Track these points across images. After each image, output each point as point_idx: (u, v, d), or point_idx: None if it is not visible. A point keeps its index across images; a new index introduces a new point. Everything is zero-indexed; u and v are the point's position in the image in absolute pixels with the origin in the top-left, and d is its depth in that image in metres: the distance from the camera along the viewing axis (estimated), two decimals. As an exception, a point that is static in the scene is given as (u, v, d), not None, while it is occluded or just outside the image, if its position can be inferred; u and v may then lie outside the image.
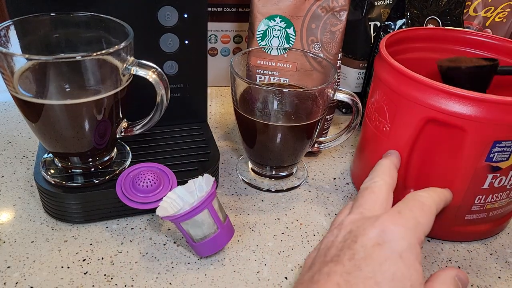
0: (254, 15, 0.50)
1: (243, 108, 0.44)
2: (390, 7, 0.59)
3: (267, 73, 0.51)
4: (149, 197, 0.39)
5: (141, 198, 0.39)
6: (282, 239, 0.42)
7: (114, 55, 0.35)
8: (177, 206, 0.38)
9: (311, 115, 0.44)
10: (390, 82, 0.39)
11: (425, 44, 0.50)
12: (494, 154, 0.36)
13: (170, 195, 0.38)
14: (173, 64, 0.47)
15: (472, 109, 0.34)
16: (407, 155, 0.40)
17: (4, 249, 0.38)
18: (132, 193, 0.39)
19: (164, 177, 0.41)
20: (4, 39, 0.36)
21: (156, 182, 0.40)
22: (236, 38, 0.69)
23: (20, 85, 0.34)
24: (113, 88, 0.37)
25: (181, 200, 0.38)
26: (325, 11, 0.49)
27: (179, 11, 0.44)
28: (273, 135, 0.44)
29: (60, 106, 0.35)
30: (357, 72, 0.63)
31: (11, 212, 0.42)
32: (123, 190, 0.39)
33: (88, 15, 0.40)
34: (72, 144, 0.39)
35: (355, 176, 0.51)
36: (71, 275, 0.36)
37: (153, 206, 0.38)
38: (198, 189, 0.38)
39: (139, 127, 0.42)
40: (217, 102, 0.68)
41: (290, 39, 0.51)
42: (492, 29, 0.69)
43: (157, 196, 0.39)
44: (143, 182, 0.39)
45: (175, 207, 0.38)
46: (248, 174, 0.51)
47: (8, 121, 0.58)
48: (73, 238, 0.40)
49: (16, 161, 0.50)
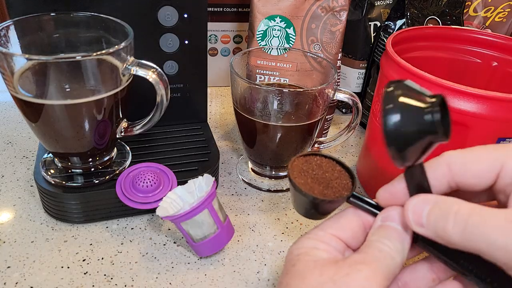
0: (254, 15, 0.50)
1: (243, 108, 0.44)
2: (390, 7, 0.59)
3: (267, 73, 0.51)
4: (149, 197, 0.39)
5: (141, 198, 0.39)
6: (282, 239, 0.42)
7: (114, 55, 0.35)
8: (177, 206, 0.38)
9: (311, 115, 0.44)
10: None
11: (429, 43, 0.50)
12: None
13: (170, 195, 0.38)
14: (173, 64, 0.47)
15: (477, 106, 0.34)
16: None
17: (4, 249, 0.38)
18: (132, 193, 0.39)
19: (164, 177, 0.41)
20: (4, 39, 0.36)
21: (156, 182, 0.40)
22: (236, 38, 0.69)
23: (20, 85, 0.34)
24: (113, 88, 0.37)
25: (181, 200, 0.38)
26: (325, 11, 0.49)
27: (179, 11, 0.44)
28: (273, 135, 0.44)
29: (60, 106, 0.35)
30: (357, 72, 0.63)
31: (11, 212, 0.42)
32: (123, 190, 0.39)
33: (88, 15, 0.40)
34: (72, 144, 0.39)
35: (360, 173, 0.51)
36: (71, 275, 0.36)
37: (153, 206, 0.38)
38: (198, 189, 0.38)
39: (139, 127, 0.42)
40: (217, 102, 0.68)
41: (290, 39, 0.51)
42: (492, 29, 0.69)
43: (157, 196, 0.39)
44: (143, 182, 0.39)
45: (175, 207, 0.38)
46: (248, 174, 0.51)
47: (8, 121, 0.58)
48: (73, 238, 0.40)
49: (16, 161, 0.50)
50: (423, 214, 0.22)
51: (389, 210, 0.25)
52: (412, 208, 0.23)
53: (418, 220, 0.23)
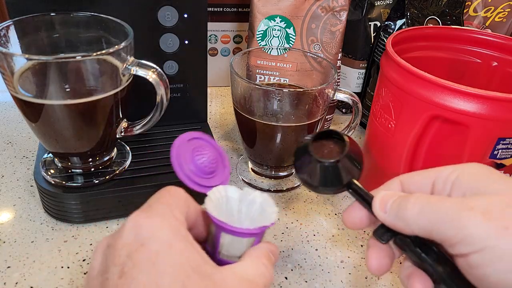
0: (254, 15, 0.50)
1: (243, 108, 0.44)
2: (390, 7, 0.59)
3: (267, 73, 0.51)
4: (201, 177, 0.32)
5: (193, 174, 0.32)
6: (282, 239, 0.42)
7: (114, 55, 0.35)
8: (221, 207, 0.31)
9: (311, 115, 0.44)
10: (396, 80, 0.40)
11: (429, 43, 0.50)
12: (498, 151, 0.37)
13: (221, 189, 0.31)
14: (173, 64, 0.47)
15: (477, 106, 0.34)
16: (412, 152, 0.40)
17: (4, 249, 0.38)
18: (185, 163, 0.32)
19: (220, 165, 0.34)
20: (4, 39, 0.36)
21: (213, 166, 0.33)
22: (236, 38, 0.69)
23: (20, 85, 0.34)
24: (113, 88, 0.37)
25: (227, 203, 0.31)
26: (325, 11, 0.49)
27: (179, 11, 0.44)
28: (273, 135, 0.44)
29: (60, 106, 0.35)
30: (357, 72, 0.63)
31: (11, 212, 0.42)
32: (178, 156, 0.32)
33: (88, 15, 0.40)
34: (72, 144, 0.39)
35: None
36: (71, 275, 0.36)
37: (201, 190, 0.32)
38: (249, 204, 0.31)
39: (139, 127, 0.42)
40: (217, 102, 0.68)
41: (290, 39, 0.51)
42: (492, 29, 0.69)
43: (207, 181, 0.32)
44: (202, 158, 0.32)
45: (219, 208, 0.31)
46: (248, 174, 0.51)
47: (8, 121, 0.58)
48: (73, 238, 0.40)
49: (16, 161, 0.50)
50: (389, 203, 0.27)
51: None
52: (381, 198, 0.27)
53: (382, 207, 0.27)
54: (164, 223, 0.25)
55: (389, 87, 0.41)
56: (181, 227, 0.25)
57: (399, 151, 0.41)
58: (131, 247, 0.24)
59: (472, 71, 0.50)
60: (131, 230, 0.24)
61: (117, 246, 0.24)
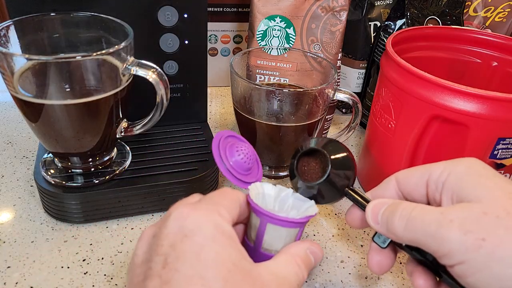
0: (254, 15, 0.50)
1: (243, 108, 0.44)
2: (390, 7, 0.59)
3: (267, 73, 0.51)
4: (239, 172, 0.34)
5: (233, 169, 0.34)
6: (282, 239, 0.42)
7: (114, 55, 0.35)
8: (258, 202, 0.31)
9: (311, 115, 0.44)
10: (396, 80, 0.40)
11: (429, 43, 0.50)
12: (498, 151, 0.37)
13: (258, 186, 0.33)
14: (173, 64, 0.47)
15: (477, 106, 0.34)
16: (412, 151, 0.40)
17: (4, 249, 0.38)
18: (225, 156, 0.34)
19: (255, 165, 0.36)
20: (4, 39, 0.36)
21: (250, 164, 0.34)
22: (236, 38, 0.69)
23: (20, 85, 0.34)
24: (113, 88, 0.37)
25: (263, 199, 0.33)
26: (325, 11, 0.49)
27: (179, 11, 0.44)
28: (273, 135, 0.44)
29: (60, 106, 0.35)
30: (357, 72, 0.63)
31: (11, 212, 0.42)
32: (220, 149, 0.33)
33: (88, 15, 0.40)
34: (72, 144, 0.39)
35: (360, 173, 0.51)
36: (71, 275, 0.36)
37: (240, 185, 0.33)
38: (282, 199, 0.33)
39: (139, 127, 0.42)
40: (217, 102, 0.68)
41: (290, 39, 0.51)
42: (492, 29, 0.69)
43: (245, 177, 0.34)
44: (241, 155, 0.34)
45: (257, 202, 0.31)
46: (248, 174, 0.51)
47: (8, 121, 0.58)
48: (73, 238, 0.40)
49: (16, 161, 0.50)
50: (379, 213, 0.28)
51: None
52: (371, 209, 0.28)
53: (375, 218, 0.28)
54: (208, 218, 0.26)
55: (389, 87, 0.41)
56: (224, 223, 0.26)
57: (399, 151, 0.41)
58: (175, 238, 0.24)
59: (472, 71, 0.50)
60: (175, 221, 0.25)
61: (161, 235, 0.25)
